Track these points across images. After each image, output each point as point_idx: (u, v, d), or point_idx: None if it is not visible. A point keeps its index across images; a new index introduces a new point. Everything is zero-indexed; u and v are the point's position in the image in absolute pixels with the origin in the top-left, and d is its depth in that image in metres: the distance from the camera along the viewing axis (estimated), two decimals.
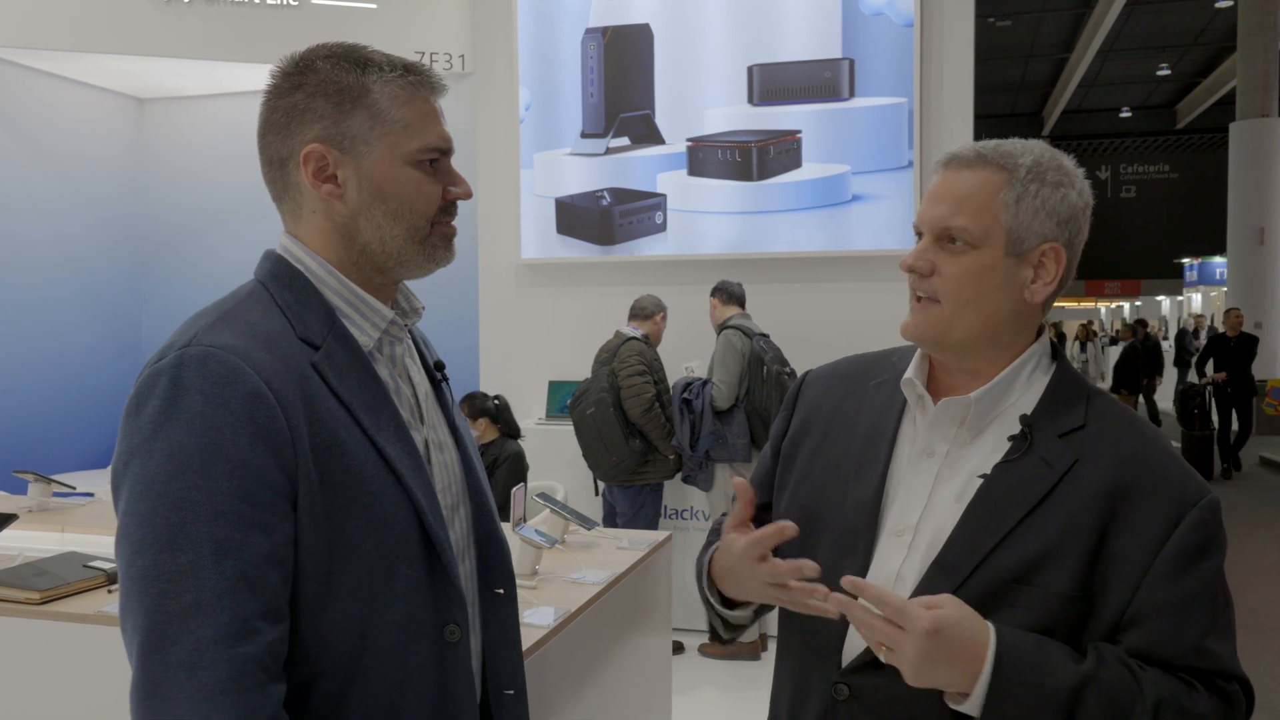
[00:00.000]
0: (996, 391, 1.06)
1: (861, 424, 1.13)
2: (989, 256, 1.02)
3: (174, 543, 0.88)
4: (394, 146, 1.02)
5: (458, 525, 1.10)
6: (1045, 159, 1.04)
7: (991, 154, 1.05)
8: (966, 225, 1.02)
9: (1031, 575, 0.98)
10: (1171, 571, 0.97)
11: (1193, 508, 0.99)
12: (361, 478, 0.97)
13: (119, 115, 5.86)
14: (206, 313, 1.00)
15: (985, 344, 1.05)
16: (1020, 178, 1.03)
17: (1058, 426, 1.03)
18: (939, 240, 1.04)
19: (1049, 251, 1.03)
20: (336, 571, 0.96)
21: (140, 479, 0.90)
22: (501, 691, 1.14)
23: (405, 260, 1.05)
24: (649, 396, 4.05)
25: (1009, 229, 1.02)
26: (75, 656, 1.84)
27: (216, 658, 0.87)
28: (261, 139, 1.06)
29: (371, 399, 1.01)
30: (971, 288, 1.02)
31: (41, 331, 5.32)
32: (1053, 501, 0.99)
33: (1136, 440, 1.03)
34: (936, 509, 1.04)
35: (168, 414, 0.90)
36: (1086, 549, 0.98)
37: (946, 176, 1.06)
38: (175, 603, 0.87)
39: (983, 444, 1.05)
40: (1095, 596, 0.98)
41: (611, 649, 2.18)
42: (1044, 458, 1.01)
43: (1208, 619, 0.98)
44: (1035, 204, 1.02)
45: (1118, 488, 0.99)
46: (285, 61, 1.04)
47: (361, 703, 0.97)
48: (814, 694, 1.08)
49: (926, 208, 1.06)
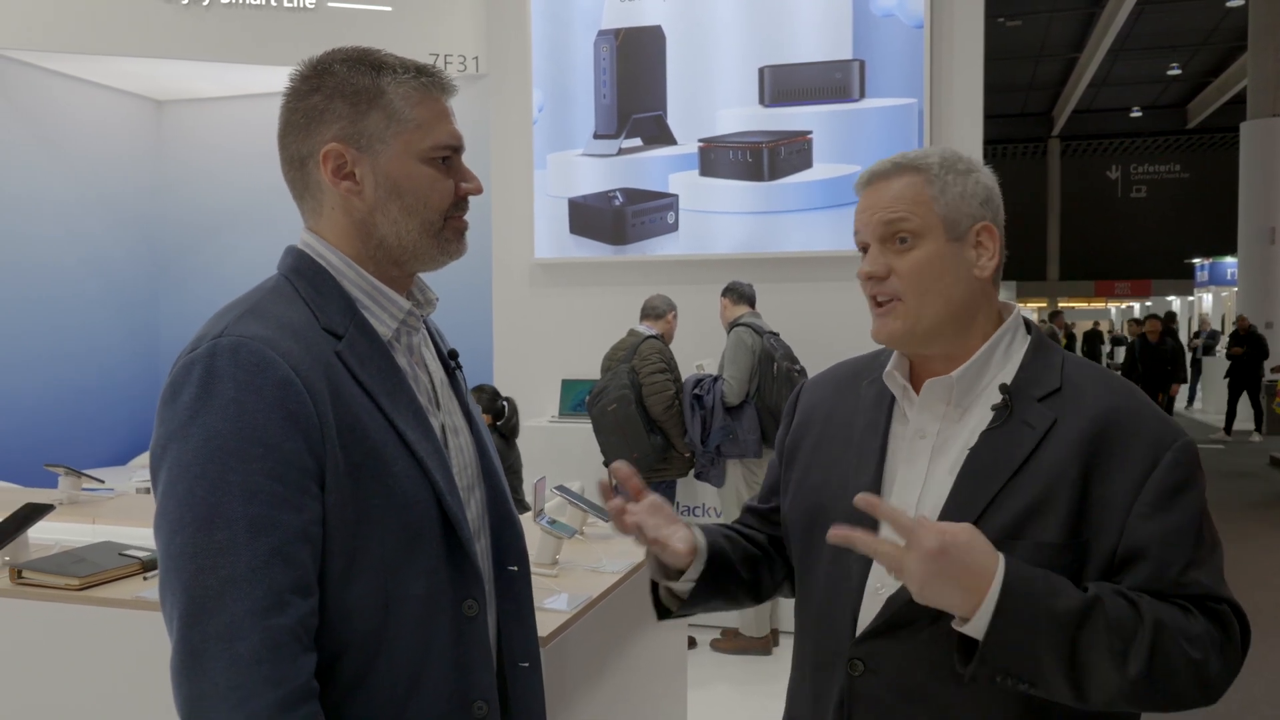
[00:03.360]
0: (976, 367, 1.12)
1: (857, 420, 1.20)
2: (934, 245, 1.11)
3: (211, 521, 0.93)
4: (408, 144, 1.08)
5: (473, 506, 1.15)
6: (949, 154, 1.15)
7: (904, 161, 1.14)
8: (906, 221, 1.11)
9: (1021, 530, 1.04)
10: (1151, 511, 1.03)
11: (1168, 450, 1.05)
12: (384, 460, 1.02)
13: (138, 117, 5.93)
14: (235, 305, 1.05)
15: (951, 328, 1.12)
16: (935, 173, 1.12)
17: (1036, 391, 1.10)
18: (886, 244, 1.12)
19: (982, 230, 1.13)
20: (361, 549, 1.01)
21: (178, 462, 0.95)
22: (516, 664, 1.19)
23: (420, 253, 1.10)
24: (670, 394, 4.12)
25: (943, 216, 1.11)
26: (113, 639, 1.91)
27: (252, 629, 0.92)
28: (282, 140, 1.11)
29: (391, 386, 1.06)
30: (928, 276, 1.10)
31: (62, 330, 5.39)
32: (1036, 459, 1.06)
33: (1111, 394, 1.09)
34: (933, 485, 1.10)
35: (203, 401, 0.95)
36: (1071, 498, 1.04)
37: (870, 190, 1.15)
38: (212, 577, 0.92)
39: (970, 419, 1.11)
40: (1086, 544, 1.04)
41: (628, 640, 2.23)
42: (1026, 421, 1.08)
43: (1190, 550, 1.02)
44: (957, 190, 1.12)
45: (1096, 437, 1.05)
46: (303, 65, 1.10)
47: (386, 673, 1.02)
48: (831, 675, 1.12)
49: (864, 219, 1.15)
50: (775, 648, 4.22)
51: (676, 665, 2.66)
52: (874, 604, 1.10)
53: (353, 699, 1.01)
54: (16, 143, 5.13)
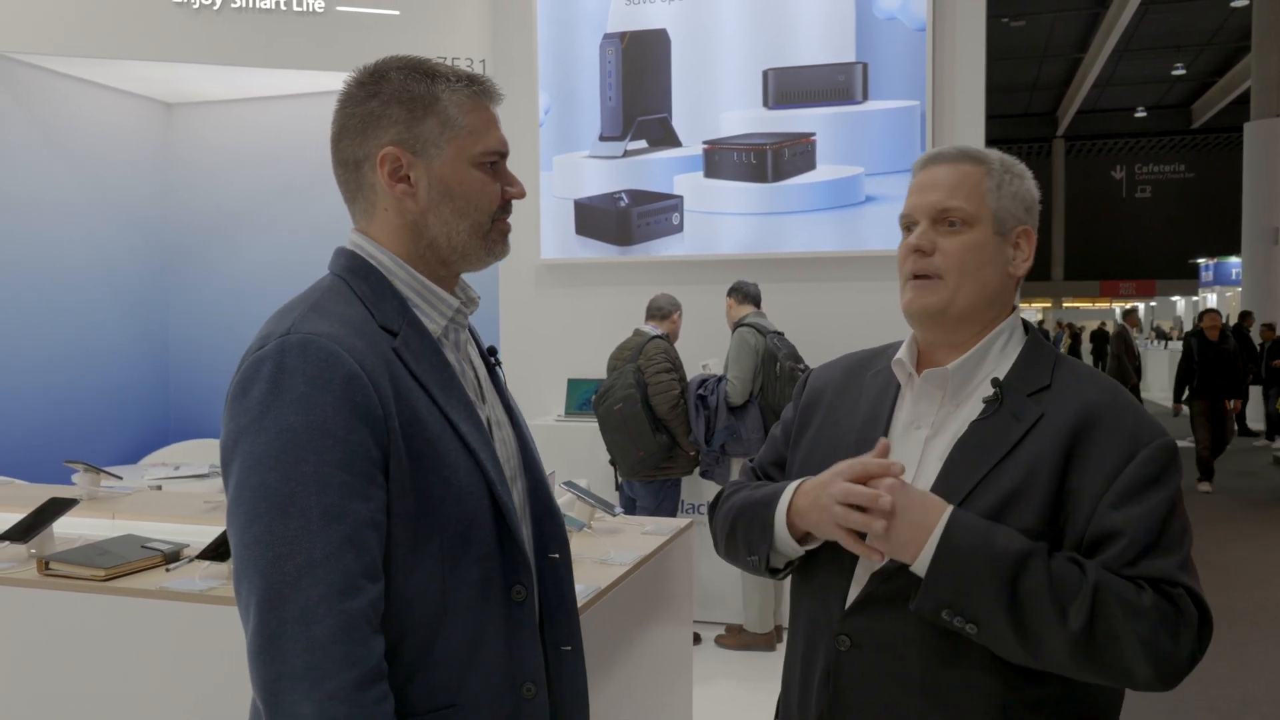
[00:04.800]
0: (972, 361, 1.18)
1: (861, 407, 1.25)
2: (982, 234, 1.17)
3: (285, 510, 0.97)
4: (461, 150, 1.12)
5: (516, 495, 1.19)
6: (1008, 158, 1.22)
7: (970, 152, 1.21)
8: (962, 205, 1.17)
9: (1002, 514, 1.09)
10: (1120, 501, 1.07)
11: (1144, 446, 1.09)
12: (440, 452, 1.07)
13: (148, 120, 5.98)
14: (297, 304, 1.09)
15: (978, 314, 1.18)
16: (996, 170, 1.20)
17: (1026, 387, 1.16)
18: (936, 224, 1.18)
19: (1023, 233, 1.20)
20: (422, 536, 1.05)
21: (251, 455, 0.99)
22: (559, 648, 1.24)
23: (468, 253, 1.15)
24: (676, 394, 4.17)
25: (994, 211, 1.18)
26: (138, 629, 1.96)
27: (328, 612, 0.96)
28: (336, 143, 1.15)
29: (443, 380, 1.11)
30: (972, 261, 1.16)
31: (72, 331, 5.44)
32: (1021, 449, 1.11)
33: (1097, 392, 1.14)
34: (925, 471, 1.16)
35: (274, 395, 0.99)
36: (1049, 486, 1.09)
37: (931, 170, 1.21)
38: (289, 564, 0.96)
39: (963, 411, 1.17)
40: (1060, 531, 1.09)
41: (635, 633, 2.27)
42: (1014, 413, 1.13)
43: (1155, 538, 1.06)
44: (1010, 190, 1.19)
45: (1078, 431, 1.10)
46: (360, 72, 1.14)
47: (444, 655, 1.07)
48: (821, 649, 1.18)
49: (919, 197, 1.20)
50: (779, 644, 4.27)
51: (682, 659, 2.70)
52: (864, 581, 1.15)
53: (413, 680, 1.06)
54: (28, 145, 5.19)
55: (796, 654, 1.26)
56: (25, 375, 5.14)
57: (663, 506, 4.24)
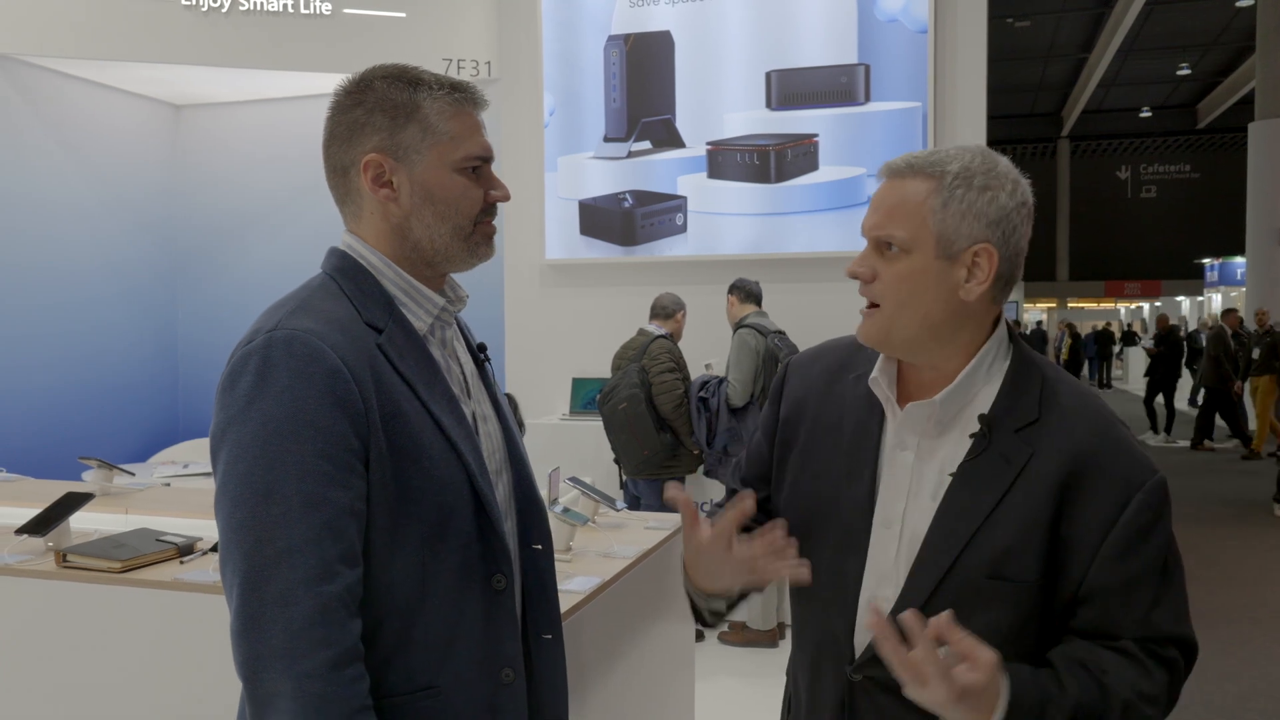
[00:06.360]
0: (959, 392, 1.12)
1: (846, 424, 1.19)
2: (920, 260, 1.08)
3: (268, 497, 1.02)
4: (442, 155, 1.16)
5: (501, 488, 1.24)
6: (975, 164, 1.09)
7: (920, 163, 1.10)
8: (894, 233, 1.09)
9: (1002, 569, 1.07)
10: (1119, 554, 1.05)
11: (1138, 491, 1.06)
12: (421, 444, 1.11)
13: (157, 121, 6.04)
14: (286, 302, 1.14)
15: (929, 342, 1.11)
16: (946, 184, 1.08)
17: (1014, 421, 1.10)
18: (877, 248, 1.11)
19: (981, 252, 1.08)
20: (401, 525, 1.10)
21: (237, 444, 1.04)
22: (540, 636, 1.29)
23: (451, 255, 1.19)
24: (679, 393, 4.20)
25: (937, 233, 1.07)
26: (152, 619, 2.02)
27: (306, 595, 1.00)
28: (326, 150, 1.20)
29: (427, 376, 1.15)
30: (906, 290, 1.09)
31: (83, 330, 5.50)
32: (1013, 495, 1.07)
33: (1086, 429, 1.09)
34: (917, 499, 1.13)
35: (260, 388, 1.04)
36: (1044, 539, 1.06)
37: (883, 187, 1.13)
38: (270, 548, 1.01)
39: (950, 437, 1.13)
40: (1055, 580, 1.07)
41: (639, 627, 2.31)
42: (1003, 454, 1.09)
43: (1153, 593, 1.06)
44: (961, 208, 1.07)
45: (1069, 477, 1.07)
46: (347, 81, 1.19)
47: (423, 640, 1.12)
48: (829, 678, 1.17)
49: (866, 216, 1.14)
50: (781, 640, 4.30)
51: (685, 655, 2.74)
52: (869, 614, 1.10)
53: (393, 662, 1.11)
54: (39, 147, 5.24)
55: (801, 677, 1.24)
56: (35, 374, 5.20)
57: (666, 505, 4.27)
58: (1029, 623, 1.08)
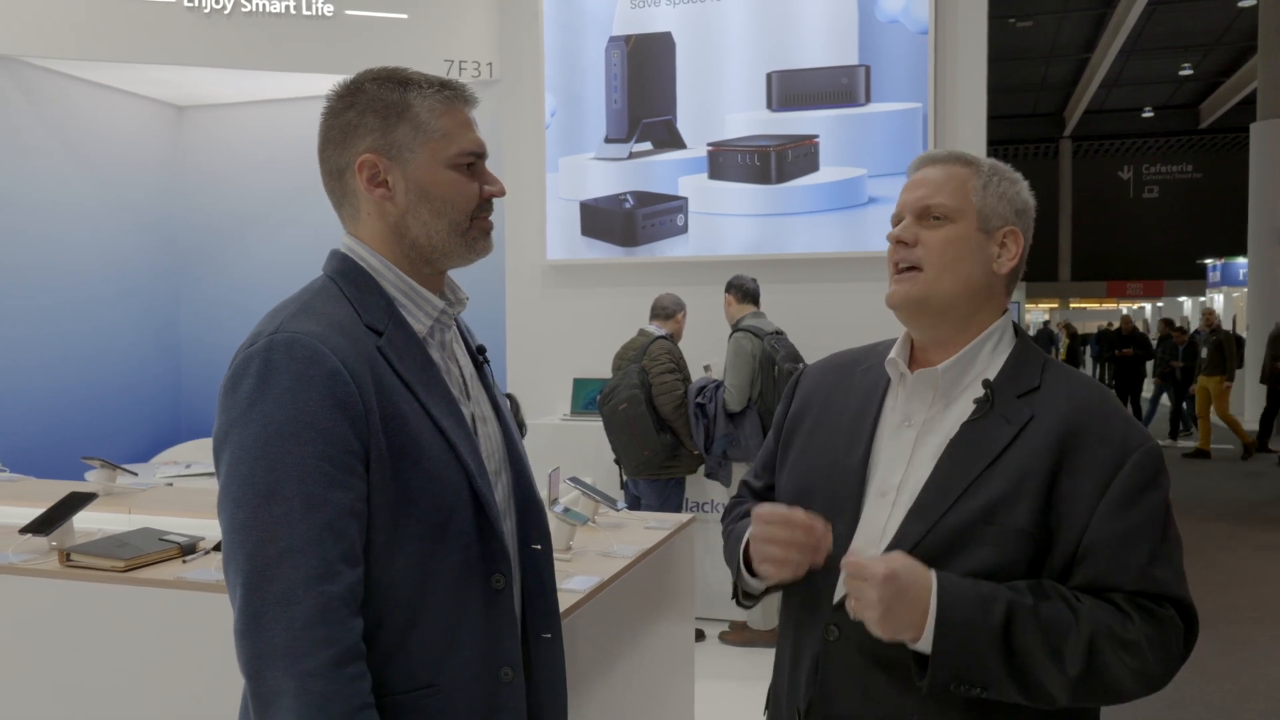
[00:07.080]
0: (963, 362, 1.21)
1: (850, 404, 1.28)
2: (964, 229, 1.21)
3: (270, 498, 1.03)
4: (434, 153, 1.17)
5: (500, 489, 1.25)
6: (1002, 165, 1.26)
7: (961, 155, 1.26)
8: (945, 201, 1.21)
9: (994, 515, 1.12)
10: (1116, 509, 1.10)
11: (1135, 452, 1.12)
12: (421, 445, 1.12)
13: (159, 122, 6.06)
14: (287, 305, 1.15)
15: (960, 308, 1.21)
16: (984, 171, 1.24)
17: (1016, 388, 1.18)
18: (920, 219, 1.22)
19: (1010, 233, 1.23)
20: (401, 525, 1.11)
21: (239, 446, 1.06)
22: (539, 635, 1.30)
23: (449, 252, 1.20)
24: (679, 394, 4.21)
25: (979, 208, 1.22)
26: (156, 618, 2.03)
27: (307, 594, 1.02)
28: (321, 153, 1.21)
29: (427, 378, 1.16)
30: (951, 254, 1.20)
31: (85, 331, 5.52)
32: (1012, 451, 1.14)
33: (1085, 396, 1.17)
34: (915, 470, 1.19)
35: (261, 390, 1.06)
36: (1041, 490, 1.12)
37: (923, 171, 1.26)
38: (272, 548, 1.02)
39: (954, 411, 1.20)
40: (1050, 534, 1.12)
41: (639, 626, 2.32)
42: (1004, 415, 1.16)
43: (1150, 547, 1.10)
44: (998, 191, 1.23)
45: (1068, 436, 1.13)
46: (338, 85, 1.20)
47: (423, 639, 1.13)
48: (810, 639, 1.22)
49: (907, 194, 1.25)
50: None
51: (685, 655, 2.75)
52: None
53: (393, 660, 1.12)
54: (41, 147, 5.26)
55: (787, 644, 1.30)
56: (37, 374, 5.22)
57: (667, 505, 4.29)
58: (1014, 568, 1.11)
